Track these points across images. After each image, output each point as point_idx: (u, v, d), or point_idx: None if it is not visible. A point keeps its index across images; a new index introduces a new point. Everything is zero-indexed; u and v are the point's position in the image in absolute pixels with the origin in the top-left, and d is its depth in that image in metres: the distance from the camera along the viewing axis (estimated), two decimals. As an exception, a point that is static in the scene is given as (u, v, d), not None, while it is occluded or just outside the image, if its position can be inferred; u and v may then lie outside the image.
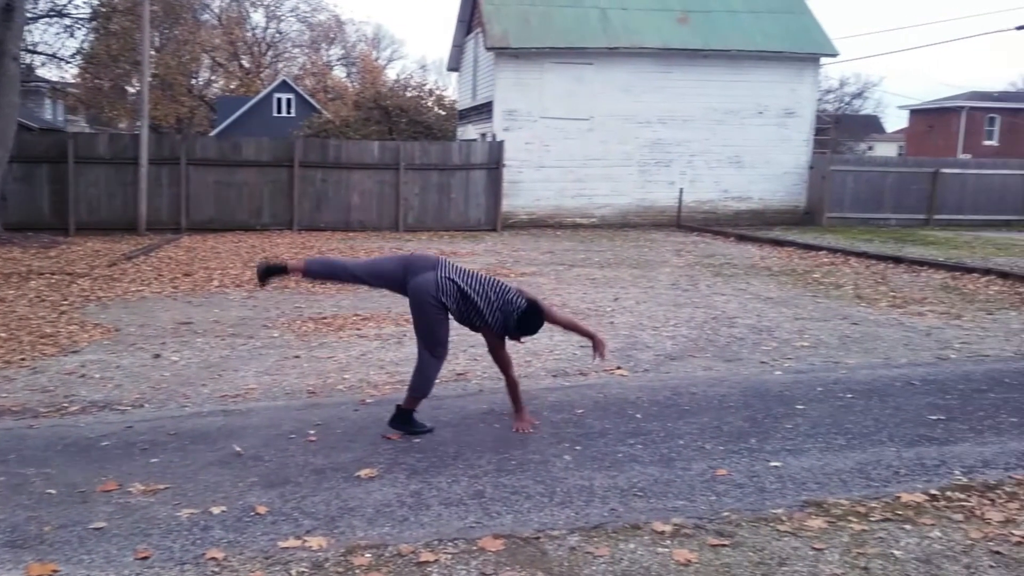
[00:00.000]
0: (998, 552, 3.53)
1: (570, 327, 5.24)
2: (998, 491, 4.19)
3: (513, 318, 4.82)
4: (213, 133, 43.18)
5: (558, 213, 21.18)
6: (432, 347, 4.95)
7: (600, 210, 21.39)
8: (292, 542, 3.54)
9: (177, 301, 9.68)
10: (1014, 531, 3.72)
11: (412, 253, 5.13)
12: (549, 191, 21.08)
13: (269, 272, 5.18)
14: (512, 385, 5.09)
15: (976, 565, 3.42)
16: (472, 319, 4.92)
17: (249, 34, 55.21)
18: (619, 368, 6.64)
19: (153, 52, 31.06)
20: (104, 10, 23.98)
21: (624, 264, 13.62)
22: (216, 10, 52.01)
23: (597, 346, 5.07)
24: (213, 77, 55.87)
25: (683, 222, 21.24)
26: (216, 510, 3.84)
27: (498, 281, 4.99)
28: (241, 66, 55.33)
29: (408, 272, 4.90)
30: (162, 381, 6.21)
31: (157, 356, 6.98)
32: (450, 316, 4.92)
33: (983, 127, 48.61)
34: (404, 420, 5.01)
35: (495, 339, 4.96)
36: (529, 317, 4.85)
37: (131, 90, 31.53)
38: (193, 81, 49.88)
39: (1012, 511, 3.95)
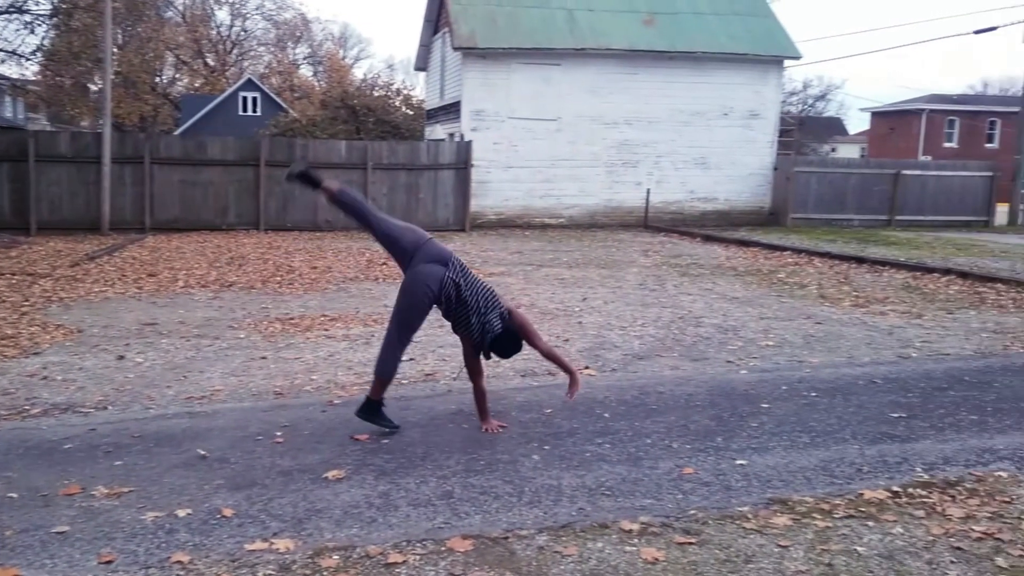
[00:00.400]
0: (959, 548, 3.59)
1: (551, 358, 5.09)
2: (959, 487, 4.27)
3: (487, 338, 4.82)
4: (178, 132, 42.71)
5: (527, 213, 21.21)
6: (403, 331, 4.94)
7: (568, 210, 21.46)
8: (259, 544, 3.51)
9: (141, 302, 9.56)
10: (974, 527, 3.79)
11: (430, 238, 4.98)
12: (517, 191, 21.10)
13: (304, 176, 5.14)
14: (479, 393, 5.08)
15: (938, 561, 3.48)
16: (457, 322, 4.91)
17: (214, 32, 54.66)
18: (587, 368, 6.67)
19: (116, 49, 30.65)
20: (65, 6, 23.57)
21: (592, 264, 13.68)
22: (180, 7, 51.44)
23: (573, 383, 4.99)
24: (177, 75, 55.23)
25: (650, 222, 21.38)
26: (181, 513, 3.80)
27: (494, 295, 4.92)
28: (206, 64, 54.74)
29: (417, 255, 4.85)
30: (126, 383, 6.13)
31: (121, 357, 6.89)
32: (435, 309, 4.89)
33: (943, 129, 49.47)
34: (371, 411, 4.98)
35: (470, 347, 4.95)
36: (501, 342, 4.83)
37: (93, 88, 31.07)
38: (157, 79, 49.28)
39: (972, 507, 4.02)
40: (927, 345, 7.72)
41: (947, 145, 48.69)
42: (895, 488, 4.23)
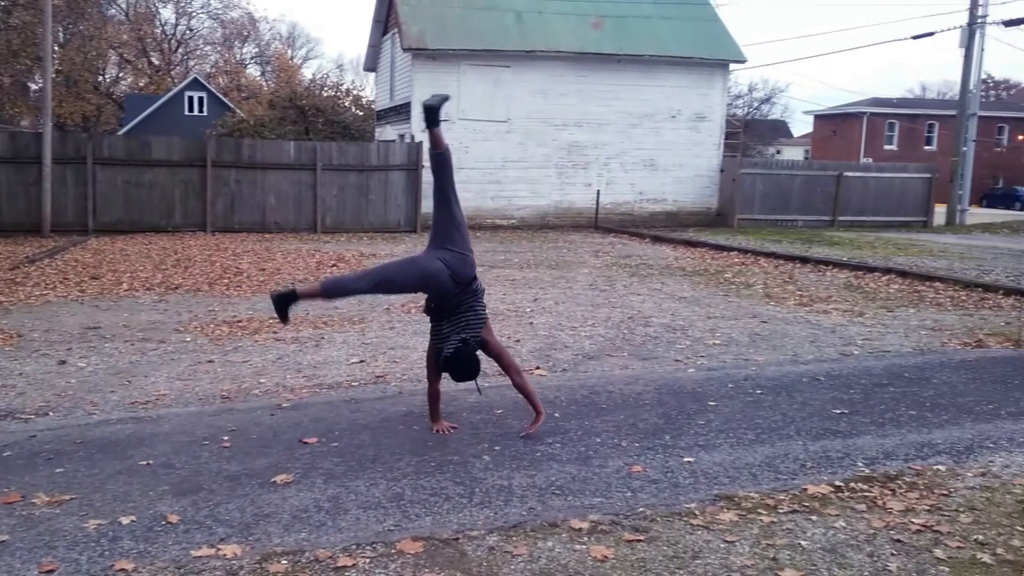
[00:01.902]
0: (899, 540, 3.69)
1: (523, 393, 4.98)
2: (898, 481, 4.38)
3: (443, 353, 4.77)
4: (121, 132, 41.87)
5: (478, 214, 21.20)
6: (378, 276, 4.83)
7: (519, 211, 21.51)
8: (205, 551, 3.47)
9: (84, 305, 9.35)
10: (914, 519, 3.90)
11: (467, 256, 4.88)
12: (468, 192, 21.05)
13: (283, 301, 4.96)
14: (434, 395, 5.06)
15: (878, 553, 3.56)
16: (438, 322, 4.84)
17: (158, 30, 53.70)
18: (538, 368, 6.70)
19: (56, 47, 29.93)
20: (4, 3, 22.99)
21: (543, 265, 13.74)
22: (123, 5, 50.47)
23: (536, 421, 4.95)
24: (121, 74, 54.18)
25: (601, 223, 21.54)
26: (125, 520, 3.73)
27: (481, 318, 4.85)
28: (150, 63, 53.74)
29: (456, 249, 4.78)
30: (68, 388, 5.99)
31: (63, 362, 6.73)
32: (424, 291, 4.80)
33: (883, 132, 50.68)
34: (283, 302, 4.89)
35: (434, 349, 4.91)
36: (454, 363, 4.75)
37: (34, 87, 30.32)
38: (100, 78, 48.26)
39: (912, 500, 4.13)
40: (868, 343, 7.90)
41: (887, 148, 49.89)
42: (837, 483, 4.32)
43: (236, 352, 7.18)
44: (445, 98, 5.06)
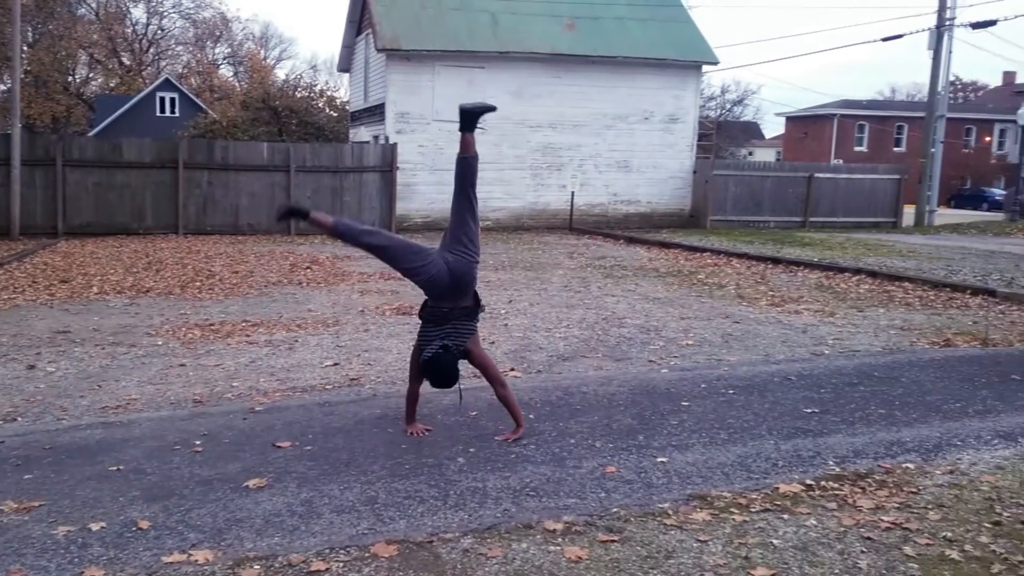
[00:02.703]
0: (869, 538, 3.73)
1: (505, 404, 4.98)
2: (868, 479, 4.43)
3: (424, 357, 4.77)
4: (92, 133, 41.37)
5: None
6: (384, 242, 4.98)
7: (494, 213, 21.50)
8: (177, 556, 3.44)
9: (53, 309, 9.24)
10: (883, 517, 3.95)
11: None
12: (444, 194, 20.99)
13: (292, 212, 5.08)
14: (413, 396, 5.06)
15: (849, 551, 3.61)
16: (426, 326, 4.86)
17: (129, 30, 53.13)
18: (513, 370, 6.71)
19: (25, 48, 29.53)
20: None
21: (518, 266, 13.75)
22: (93, 4, 49.89)
23: (515, 431, 4.95)
24: (91, 74, 53.58)
25: (575, 225, 21.59)
26: (95, 526, 3.70)
27: (467, 330, 4.85)
28: (121, 63, 53.16)
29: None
30: (37, 393, 5.92)
31: (31, 367, 6.65)
32: (426, 274, 4.81)
33: (853, 134, 51.26)
34: (295, 214, 5.05)
35: (419, 351, 4.90)
36: (431, 367, 4.74)
37: (2, 87, 29.89)
38: (70, 79, 47.71)
39: (881, 498, 4.19)
40: (839, 342, 7.99)
41: (857, 149, 50.48)
42: (809, 481, 4.37)
43: (208, 356, 7.13)
44: (488, 107, 5.11)
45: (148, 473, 4.36)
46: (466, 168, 5.02)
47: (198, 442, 4.83)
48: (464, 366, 4.98)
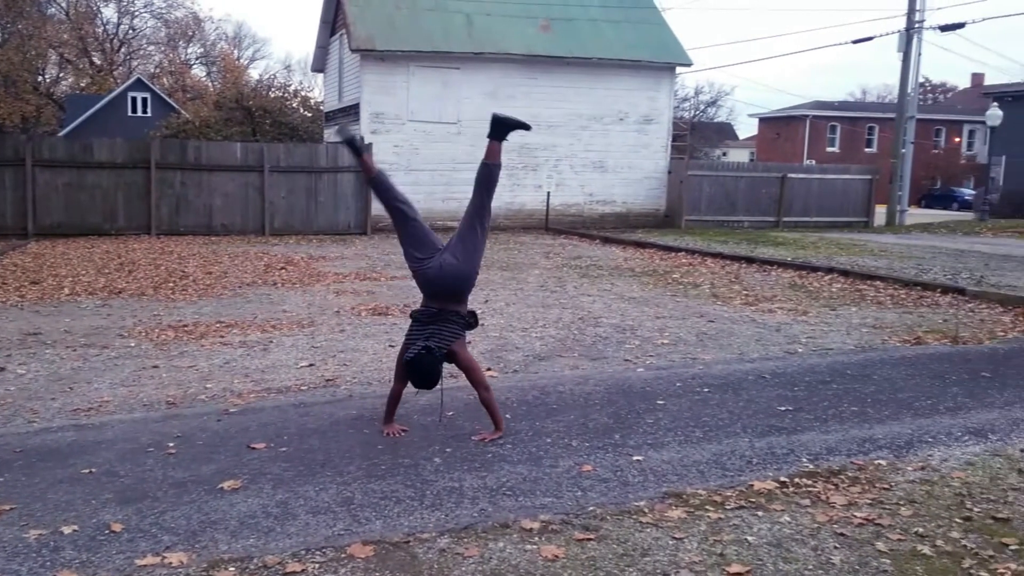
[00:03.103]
0: (842, 534, 3.77)
1: (486, 406, 4.98)
2: (841, 476, 4.48)
3: (406, 357, 4.79)
4: (62, 133, 40.91)
5: (429, 216, 20.91)
6: (411, 215, 5.17)
7: (469, 213, 21.48)
8: (150, 559, 3.41)
9: (24, 311, 9.12)
10: (856, 513, 3.99)
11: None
12: (419, 194, 20.95)
13: (351, 142, 5.17)
14: (395, 397, 5.06)
15: (822, 547, 3.64)
16: (412, 326, 4.90)
17: (100, 29, 52.56)
18: (489, 370, 6.70)
19: (-8, 46, 29.12)
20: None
21: (494, 266, 13.75)
22: (63, 4, 49.28)
23: (494, 433, 4.95)
24: (62, 74, 52.97)
25: (551, 225, 21.63)
26: (67, 530, 3.65)
27: (452, 334, 4.85)
28: (92, 63, 52.58)
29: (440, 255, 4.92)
30: (7, 396, 5.84)
31: (1, 369, 6.55)
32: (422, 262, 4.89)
33: (826, 135, 51.79)
34: (353, 144, 5.17)
35: (405, 350, 4.91)
36: (412, 367, 4.76)
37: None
38: (39, 78, 47.10)
39: (854, 495, 4.23)
40: (812, 341, 8.06)
41: (830, 149, 51.00)
42: (783, 478, 4.41)
43: (182, 357, 7.07)
44: (523, 125, 5.32)
45: (121, 475, 4.31)
46: (488, 175, 5.14)
47: (171, 444, 4.79)
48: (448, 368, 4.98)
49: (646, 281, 12.24)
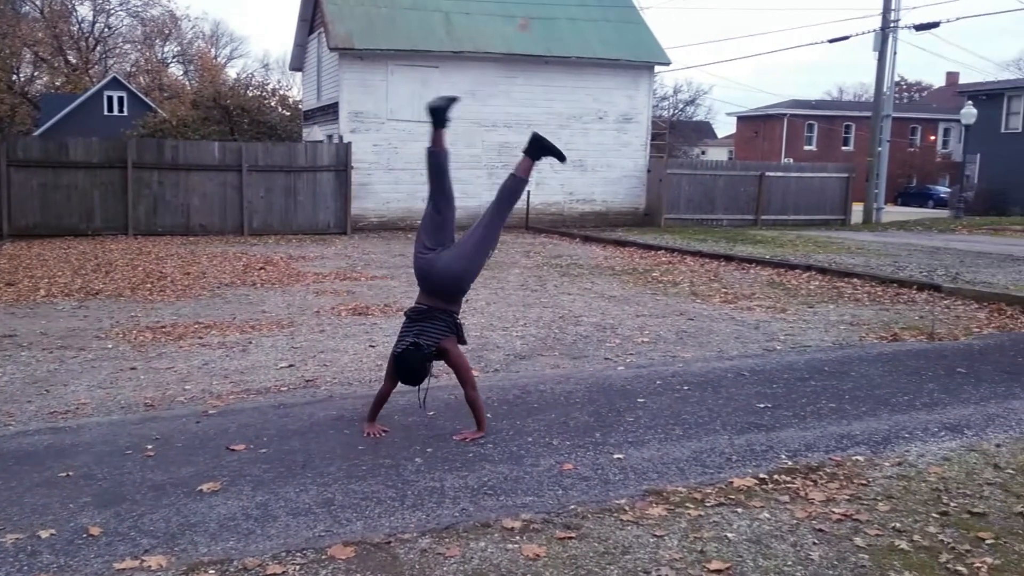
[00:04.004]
0: (820, 529, 3.80)
1: (471, 405, 4.99)
2: (820, 472, 4.51)
3: (394, 351, 4.84)
4: (37, 133, 40.47)
5: (409, 215, 21.08)
6: (449, 196, 5.15)
7: (449, 212, 21.46)
8: (129, 563, 3.38)
9: (-3, 313, 9.02)
10: (834, 509, 4.02)
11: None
12: (399, 193, 20.97)
13: (443, 112, 5.07)
14: (381, 396, 5.07)
15: (801, 543, 3.67)
16: (404, 323, 4.92)
17: (75, 28, 52.01)
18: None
19: (-36, 44, 28.77)
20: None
21: (473, 266, 13.72)
22: (38, 2, 48.74)
23: (475, 433, 4.95)
24: (36, 73, 52.39)
25: (531, 224, 21.65)
26: (44, 534, 3.62)
27: (438, 332, 4.86)
28: (67, 62, 52.06)
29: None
30: (-19, 399, 5.77)
31: (-25, 373, 6.48)
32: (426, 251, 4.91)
33: (803, 133, 52.16)
34: (443, 109, 5.03)
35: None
36: (399, 362, 4.80)
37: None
38: (14, 77, 46.57)
39: (832, 490, 4.26)
40: (790, 338, 8.12)
41: (807, 148, 51.36)
42: (762, 475, 4.44)
43: (160, 358, 7.02)
44: (452, 98, 5.11)
45: (99, 479, 4.28)
46: (514, 188, 5.30)
47: (150, 446, 4.75)
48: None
49: (626, 280, 12.27)
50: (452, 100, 5.08)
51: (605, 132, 22.50)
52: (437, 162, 5.09)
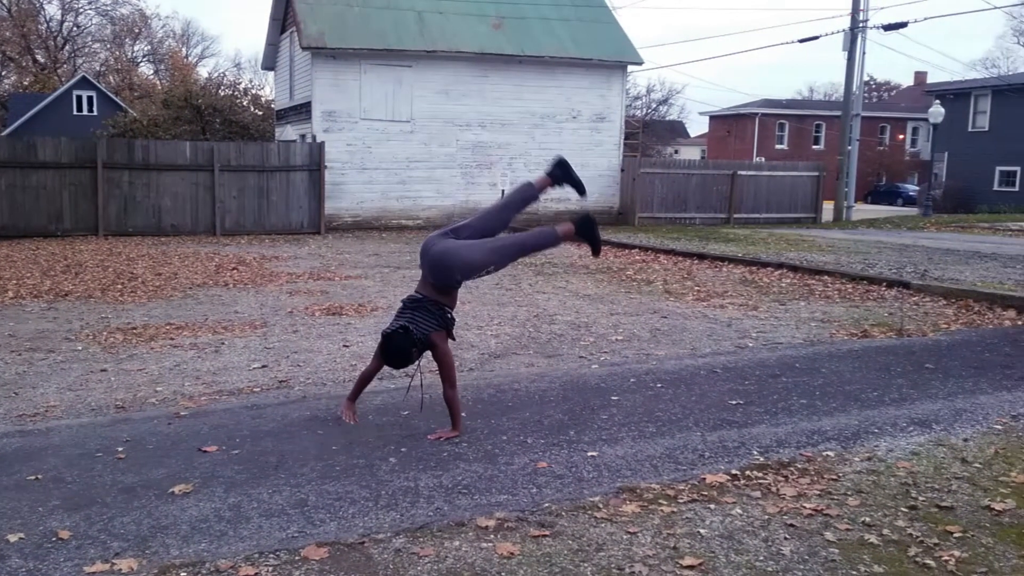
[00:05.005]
0: (792, 524, 3.84)
1: (448, 404, 5.00)
2: (791, 468, 4.56)
3: (384, 330, 4.89)
4: (5, 132, 39.88)
5: (383, 215, 21.05)
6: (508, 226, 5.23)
7: (425, 212, 21.44)
8: (99, 566, 3.35)
9: (-37, 315, 8.88)
10: (805, 504, 4.06)
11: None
12: (373, 193, 20.91)
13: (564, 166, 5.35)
14: (365, 376, 5.21)
15: (773, 538, 3.71)
16: (413, 292, 5.06)
17: (43, 27, 51.32)
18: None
19: (-71, 43, 28.32)
20: None
21: (448, 265, 13.71)
22: (5, 1, 48.03)
23: (450, 433, 4.95)
24: (4, 72, 51.60)
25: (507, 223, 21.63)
26: (13, 538, 3.58)
27: (428, 323, 4.90)
28: (36, 61, 51.36)
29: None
30: (-53, 403, 5.69)
31: (-59, 376, 6.38)
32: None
33: (774, 132, 52.58)
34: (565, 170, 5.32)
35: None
36: (386, 341, 4.85)
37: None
38: (-21, 76, 45.84)
39: (803, 486, 4.31)
40: (762, 335, 8.19)
41: (779, 147, 51.80)
42: (734, 471, 4.47)
43: (131, 360, 6.95)
44: (580, 186, 5.48)
45: (68, 482, 4.23)
46: (525, 196, 5.36)
47: (121, 449, 4.71)
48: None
49: (600, 278, 12.31)
50: (580, 187, 5.44)
51: (579, 132, 22.56)
52: (525, 196, 5.33)
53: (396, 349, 4.84)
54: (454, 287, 5.06)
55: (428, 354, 5.04)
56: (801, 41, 27.27)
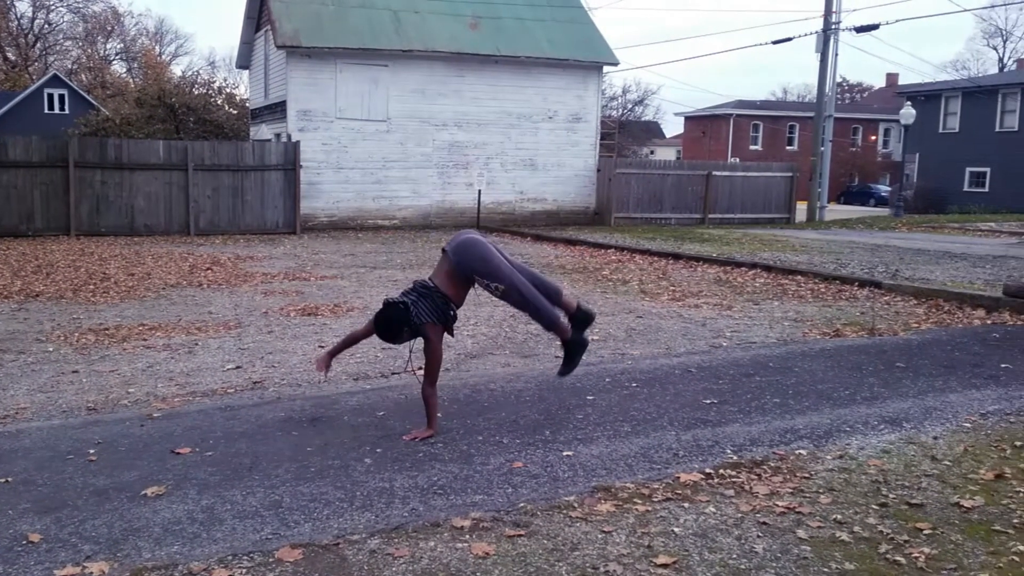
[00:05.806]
0: (764, 522, 3.87)
1: (425, 401, 5.01)
2: (764, 466, 4.59)
3: (385, 299, 5.03)
4: (-28, 130, 39.33)
5: (359, 215, 20.97)
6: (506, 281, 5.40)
7: (401, 212, 21.40)
8: (70, 569, 3.32)
9: (-69, 316, 8.75)
10: (778, 502, 4.10)
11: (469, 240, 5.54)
12: (349, 193, 20.83)
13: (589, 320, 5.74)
14: (353, 336, 5.30)
15: (746, 536, 3.73)
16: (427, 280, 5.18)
17: (14, 24, 50.63)
18: (420, 368, 6.68)
19: None
20: None
21: (426, 265, 13.69)
22: (-28, -4, 47.36)
23: (425, 432, 4.94)
24: (-29, 69, 50.82)
25: (483, 223, 21.65)
26: (-18, 542, 3.53)
27: (427, 315, 4.96)
28: (6, 58, 50.69)
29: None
30: (-86, 406, 5.60)
31: (-92, 378, 6.29)
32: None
33: (749, 133, 52.96)
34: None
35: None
36: (383, 310, 4.97)
37: None
38: (-53, 73, 45.17)
39: (776, 484, 4.34)
40: (736, 334, 8.25)
41: (753, 148, 52.19)
42: (708, 470, 4.50)
43: (103, 361, 6.88)
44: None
45: (39, 484, 4.18)
46: (547, 289, 5.79)
47: (92, 451, 4.66)
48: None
49: (577, 278, 12.34)
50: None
51: (555, 132, 22.61)
52: (547, 291, 5.80)
53: (389, 321, 4.93)
54: (466, 277, 5.20)
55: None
56: (775, 43, 27.50)
